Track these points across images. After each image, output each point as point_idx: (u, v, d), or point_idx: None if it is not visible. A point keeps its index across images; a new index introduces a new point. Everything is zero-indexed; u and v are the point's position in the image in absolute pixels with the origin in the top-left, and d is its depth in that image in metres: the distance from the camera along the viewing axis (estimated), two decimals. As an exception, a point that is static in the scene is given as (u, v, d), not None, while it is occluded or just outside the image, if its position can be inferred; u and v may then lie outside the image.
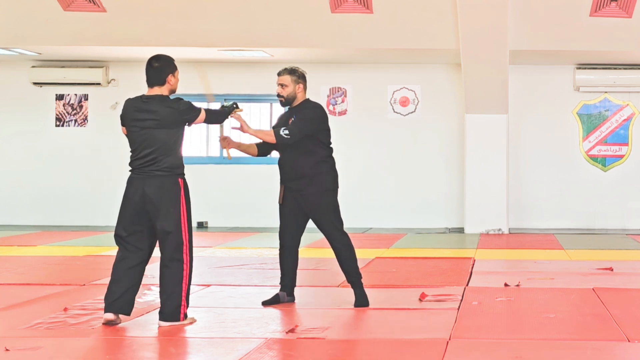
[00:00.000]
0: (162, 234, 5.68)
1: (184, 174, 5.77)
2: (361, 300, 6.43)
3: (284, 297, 6.51)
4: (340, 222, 6.44)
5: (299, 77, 6.42)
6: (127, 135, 5.79)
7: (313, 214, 6.40)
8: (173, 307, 5.61)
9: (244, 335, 5.42)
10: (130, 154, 5.78)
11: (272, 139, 6.27)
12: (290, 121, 6.35)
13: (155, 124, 5.65)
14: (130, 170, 5.77)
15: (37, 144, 13.60)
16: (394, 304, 6.54)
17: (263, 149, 6.53)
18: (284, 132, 6.24)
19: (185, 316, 5.70)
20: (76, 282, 7.53)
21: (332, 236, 6.41)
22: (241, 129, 6.23)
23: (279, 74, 6.44)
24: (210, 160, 13.54)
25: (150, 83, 5.78)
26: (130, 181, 5.74)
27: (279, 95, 6.42)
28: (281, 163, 6.44)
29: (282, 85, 6.39)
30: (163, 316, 5.66)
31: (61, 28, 11.71)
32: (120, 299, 5.66)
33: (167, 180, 5.66)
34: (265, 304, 6.45)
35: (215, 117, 5.99)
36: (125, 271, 5.71)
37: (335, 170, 6.49)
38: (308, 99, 6.52)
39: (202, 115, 5.79)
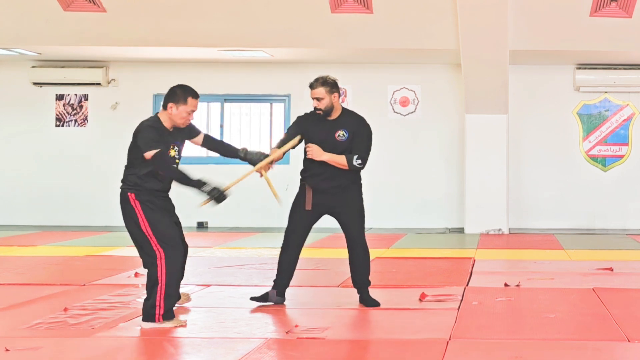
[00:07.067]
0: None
1: (134, 189, 5.70)
2: (371, 303, 6.45)
3: (273, 295, 6.47)
4: (364, 228, 6.59)
5: (332, 86, 6.30)
6: None
7: (345, 215, 6.47)
8: (148, 307, 5.70)
9: (244, 335, 5.42)
10: None
11: (344, 166, 6.30)
12: (337, 135, 6.31)
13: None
14: None
15: (37, 144, 13.59)
16: (394, 304, 6.54)
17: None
18: (356, 161, 6.30)
19: (163, 318, 5.68)
20: (76, 282, 7.52)
21: (357, 239, 6.51)
22: (312, 155, 6.24)
23: (312, 87, 6.29)
24: (210, 160, 13.53)
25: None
26: None
27: (316, 109, 6.31)
28: (317, 172, 6.36)
29: (317, 99, 6.27)
30: (143, 316, 5.75)
31: (61, 28, 11.71)
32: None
33: (123, 195, 5.78)
34: (254, 299, 6.47)
35: (173, 174, 5.77)
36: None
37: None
38: (345, 108, 6.50)
39: (149, 156, 5.63)
